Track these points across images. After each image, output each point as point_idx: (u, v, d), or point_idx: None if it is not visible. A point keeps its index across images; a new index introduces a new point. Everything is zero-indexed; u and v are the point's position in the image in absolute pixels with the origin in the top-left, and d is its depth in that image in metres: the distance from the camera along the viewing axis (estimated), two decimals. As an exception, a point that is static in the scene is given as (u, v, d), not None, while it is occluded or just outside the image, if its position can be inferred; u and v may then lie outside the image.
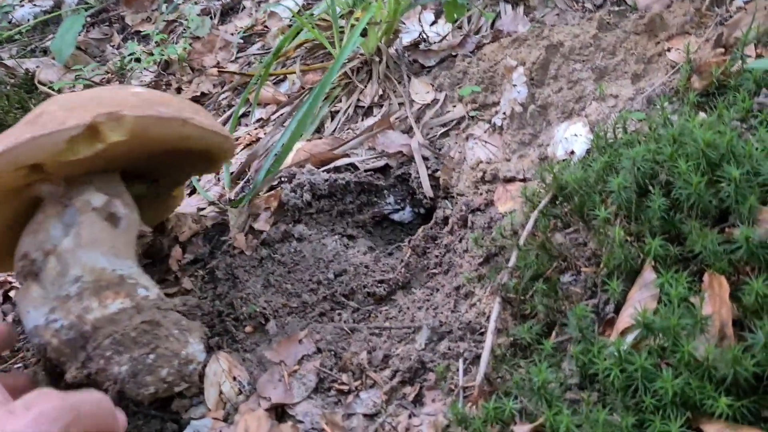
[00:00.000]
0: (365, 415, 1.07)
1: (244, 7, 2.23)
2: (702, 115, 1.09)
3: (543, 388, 0.90)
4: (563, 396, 0.92)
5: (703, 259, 0.93)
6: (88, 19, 2.27)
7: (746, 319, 0.85)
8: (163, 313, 1.10)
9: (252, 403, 1.13)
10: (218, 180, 1.62)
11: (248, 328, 1.27)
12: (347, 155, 1.48)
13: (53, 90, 1.93)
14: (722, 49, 1.24)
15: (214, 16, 2.21)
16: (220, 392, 1.16)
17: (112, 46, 2.16)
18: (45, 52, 2.14)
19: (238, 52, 2.00)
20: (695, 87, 1.15)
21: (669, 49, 1.27)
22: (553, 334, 1.03)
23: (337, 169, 1.46)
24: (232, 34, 2.04)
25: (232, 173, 1.60)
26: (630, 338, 0.90)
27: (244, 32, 2.10)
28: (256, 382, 1.16)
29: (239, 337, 1.26)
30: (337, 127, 1.61)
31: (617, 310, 0.99)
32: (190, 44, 2.02)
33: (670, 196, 0.98)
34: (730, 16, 1.32)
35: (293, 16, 1.79)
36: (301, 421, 1.07)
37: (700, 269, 0.94)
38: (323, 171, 1.45)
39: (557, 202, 1.16)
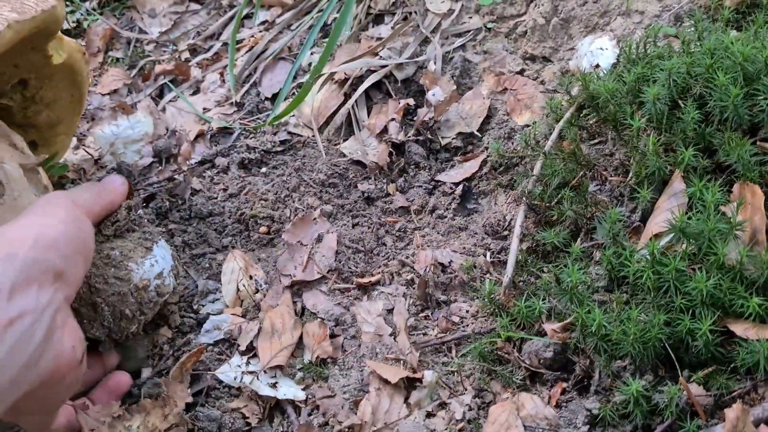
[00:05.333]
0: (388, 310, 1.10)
1: None
2: (734, 32, 1.10)
3: (574, 288, 0.93)
4: (591, 297, 0.95)
5: (733, 170, 0.95)
6: None
7: (778, 227, 0.88)
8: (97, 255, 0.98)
9: (271, 300, 1.13)
10: (223, 81, 1.57)
11: (262, 229, 1.26)
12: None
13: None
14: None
15: None
16: (238, 290, 1.16)
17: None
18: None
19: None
20: (727, 5, 1.15)
21: (698, -33, 1.27)
22: (578, 240, 1.05)
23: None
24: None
25: (236, 74, 1.55)
26: (662, 243, 0.93)
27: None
28: (272, 281, 1.16)
29: (254, 237, 1.25)
30: (350, 35, 1.56)
31: (643, 219, 1.01)
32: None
33: (703, 108, 0.99)
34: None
35: None
36: (323, 319, 1.09)
37: (730, 180, 0.96)
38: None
39: (582, 114, 1.17)
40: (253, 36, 1.66)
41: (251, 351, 1.06)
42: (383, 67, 1.40)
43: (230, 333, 1.09)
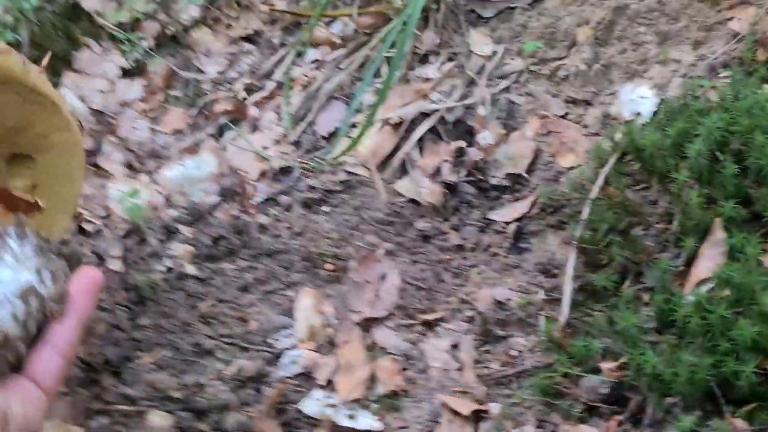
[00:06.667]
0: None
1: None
2: (766, 87, 1.19)
3: (627, 330, 1.03)
4: (643, 338, 1.05)
5: (771, 222, 1.05)
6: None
7: (813, 278, 0.98)
8: None
9: (342, 336, 1.24)
10: (279, 119, 1.68)
11: (328, 266, 1.36)
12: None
13: (99, 16, 1.92)
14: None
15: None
16: (310, 325, 1.26)
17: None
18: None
19: (283, -11, 2.01)
20: (760, 59, 1.24)
21: (730, 18, 1.36)
22: (626, 283, 1.15)
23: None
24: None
25: (291, 114, 1.66)
26: (706, 289, 1.03)
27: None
28: (342, 317, 1.27)
29: (321, 274, 1.35)
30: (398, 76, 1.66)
31: (687, 264, 1.11)
32: (234, -23, 2.02)
33: (741, 163, 1.09)
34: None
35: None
36: (394, 354, 1.20)
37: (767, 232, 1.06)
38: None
39: (625, 160, 1.27)
40: (305, 75, 1.76)
41: (329, 384, 1.18)
42: (435, 110, 1.51)
43: (307, 367, 1.20)
